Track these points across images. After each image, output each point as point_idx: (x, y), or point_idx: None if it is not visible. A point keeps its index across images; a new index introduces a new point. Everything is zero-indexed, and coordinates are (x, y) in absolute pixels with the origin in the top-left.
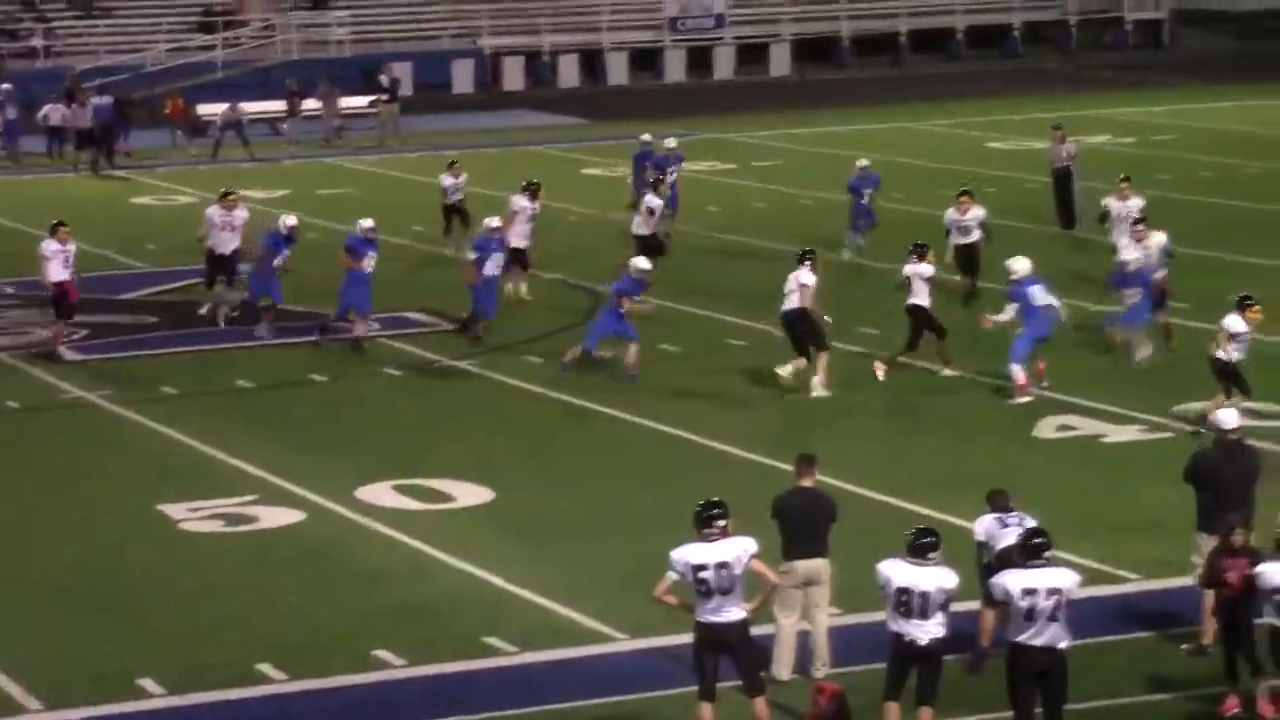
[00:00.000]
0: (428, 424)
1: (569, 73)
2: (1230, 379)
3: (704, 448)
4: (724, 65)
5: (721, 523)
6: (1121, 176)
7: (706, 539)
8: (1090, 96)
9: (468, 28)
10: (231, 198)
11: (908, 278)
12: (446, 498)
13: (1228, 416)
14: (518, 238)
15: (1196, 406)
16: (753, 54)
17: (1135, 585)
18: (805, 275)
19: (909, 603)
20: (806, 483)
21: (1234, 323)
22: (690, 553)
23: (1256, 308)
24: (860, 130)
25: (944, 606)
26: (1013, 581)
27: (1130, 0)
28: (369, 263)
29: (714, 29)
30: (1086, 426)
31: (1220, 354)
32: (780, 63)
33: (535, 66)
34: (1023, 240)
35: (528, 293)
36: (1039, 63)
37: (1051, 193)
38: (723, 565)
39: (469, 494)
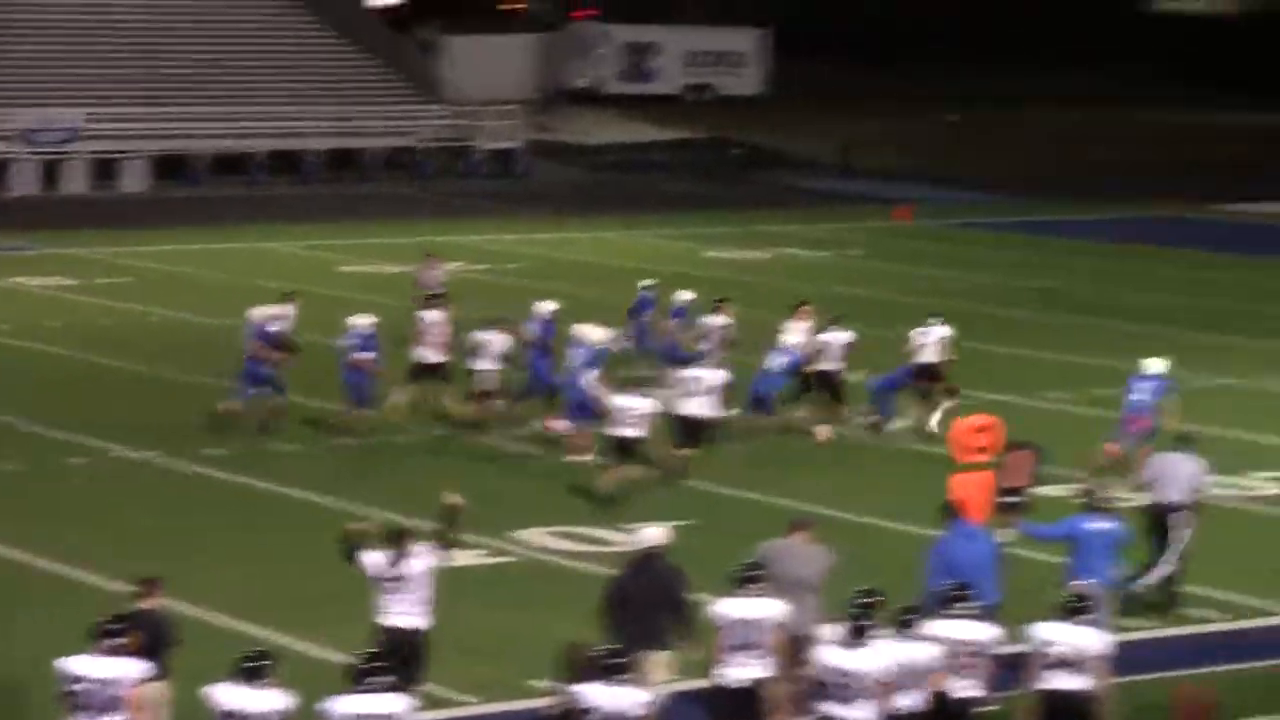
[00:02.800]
0: None
1: None
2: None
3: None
4: (76, 179)
5: (118, 640)
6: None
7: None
8: (445, 223)
9: None
10: None
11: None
12: None
13: (650, 535)
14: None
15: None
16: (107, 169)
17: (477, 709)
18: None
19: None
20: (147, 605)
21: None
22: (75, 663)
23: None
24: (215, 249)
25: None
26: (343, 708)
27: (485, 130)
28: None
29: (67, 142)
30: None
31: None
32: (135, 179)
33: None
34: (396, 361)
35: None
36: (395, 188)
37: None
38: (105, 682)
39: None
